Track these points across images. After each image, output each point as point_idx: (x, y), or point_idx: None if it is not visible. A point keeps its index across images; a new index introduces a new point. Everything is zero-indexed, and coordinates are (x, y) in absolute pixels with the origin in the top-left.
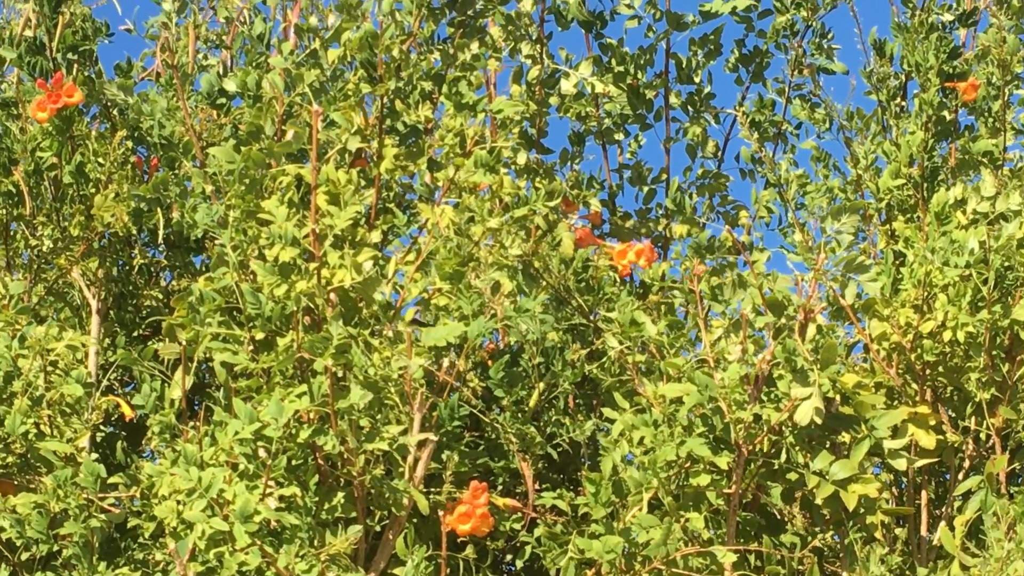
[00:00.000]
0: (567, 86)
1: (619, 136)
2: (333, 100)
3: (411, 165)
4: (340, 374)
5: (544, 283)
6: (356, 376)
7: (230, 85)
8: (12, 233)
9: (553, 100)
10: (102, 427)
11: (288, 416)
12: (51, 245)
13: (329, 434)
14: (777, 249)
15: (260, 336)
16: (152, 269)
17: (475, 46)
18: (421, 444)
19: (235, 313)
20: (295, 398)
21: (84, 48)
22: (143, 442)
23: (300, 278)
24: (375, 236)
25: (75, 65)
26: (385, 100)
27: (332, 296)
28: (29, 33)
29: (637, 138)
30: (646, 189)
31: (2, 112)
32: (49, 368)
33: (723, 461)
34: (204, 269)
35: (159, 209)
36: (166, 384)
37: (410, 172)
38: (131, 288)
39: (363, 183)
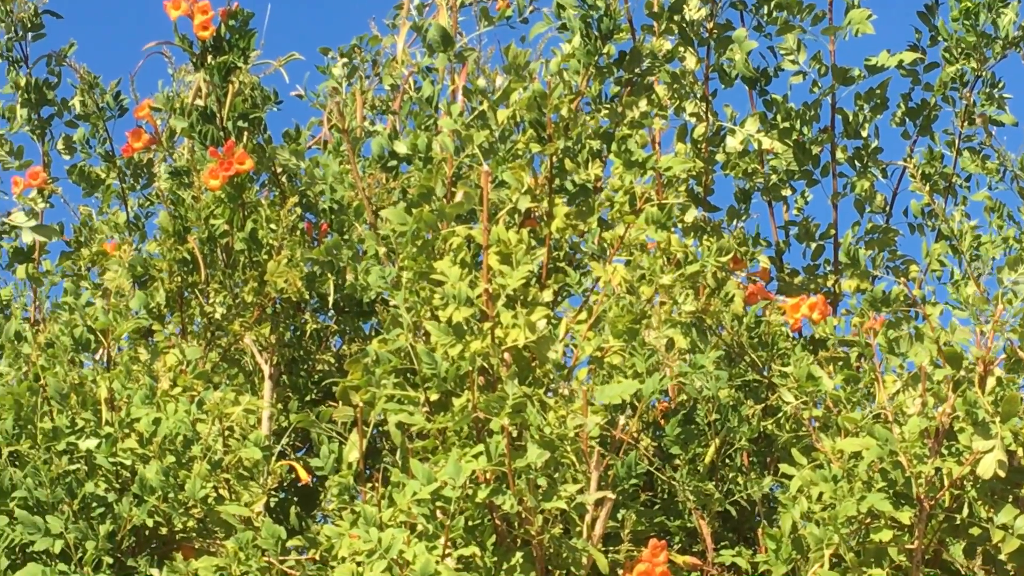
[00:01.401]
0: (733, 143)
1: (785, 192)
2: (502, 160)
3: (581, 224)
4: (516, 433)
5: (717, 339)
6: (532, 435)
7: (401, 148)
8: (187, 300)
9: (719, 157)
10: (274, 492)
11: (466, 476)
12: (224, 312)
13: (507, 494)
14: (948, 303)
15: (434, 397)
16: (322, 334)
17: (643, 104)
18: (599, 503)
19: (409, 374)
20: (472, 458)
21: (254, 116)
22: (315, 506)
23: (474, 338)
24: (547, 295)
25: (245, 133)
26: (554, 159)
27: (506, 356)
28: (200, 103)
29: (803, 194)
30: (814, 245)
31: (175, 181)
32: (227, 433)
33: (905, 516)
34: (373, 333)
35: (330, 273)
36: (342, 446)
37: (580, 231)
38: (302, 353)
39: (534, 243)
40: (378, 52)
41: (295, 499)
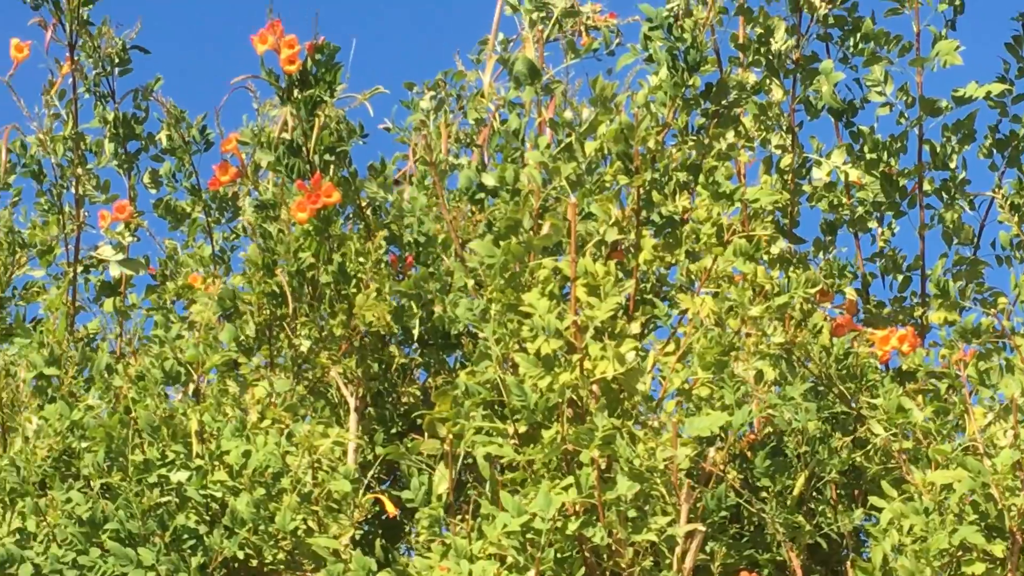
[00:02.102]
0: (819, 175)
1: (872, 224)
2: (589, 192)
3: (668, 256)
4: (605, 465)
5: (805, 371)
6: (622, 467)
7: (489, 180)
8: (275, 333)
9: (805, 189)
10: (358, 525)
11: (556, 508)
12: (310, 344)
13: (597, 526)
14: None
15: (523, 429)
16: (407, 367)
17: (730, 136)
18: (689, 535)
19: (497, 406)
20: (562, 490)
21: (340, 149)
22: (400, 539)
23: (563, 370)
24: (635, 327)
25: (331, 166)
26: (641, 191)
27: (595, 387)
28: (286, 136)
29: (890, 226)
30: (900, 277)
31: (261, 214)
32: (316, 465)
33: (998, 549)
34: (458, 365)
35: (418, 306)
36: (432, 478)
37: (667, 263)
38: (387, 385)
39: (620, 275)
40: (462, 86)
41: (379, 532)
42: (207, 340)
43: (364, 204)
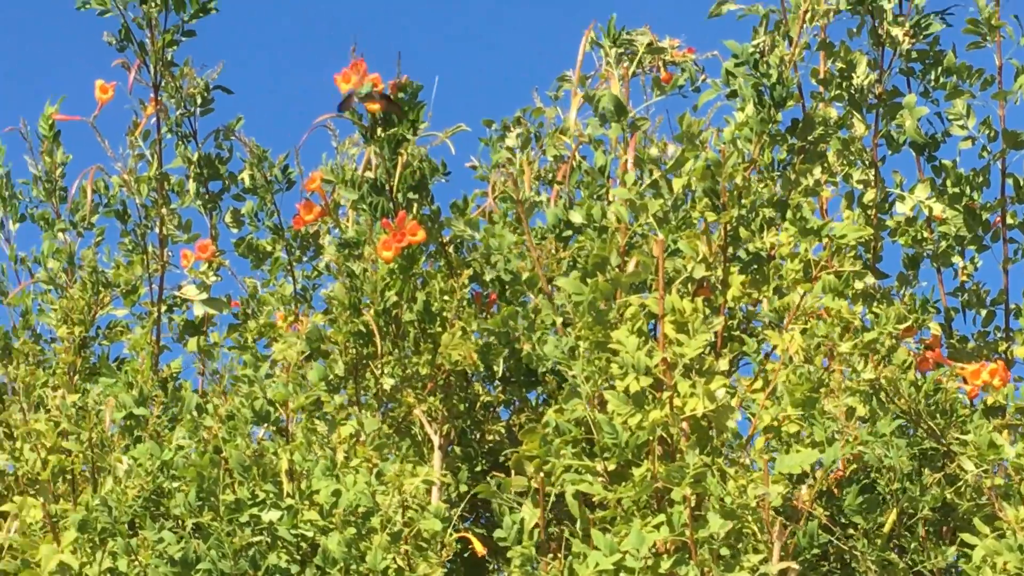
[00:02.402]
0: (902, 209)
1: (955, 259)
2: (676, 229)
3: (755, 292)
4: (696, 503)
5: (894, 407)
6: (713, 505)
7: (576, 217)
8: (361, 372)
9: (888, 223)
10: (444, 564)
11: (648, 546)
12: (394, 383)
13: (689, 564)
14: None
15: (613, 466)
16: (490, 404)
17: (817, 171)
18: (782, 573)
19: (586, 444)
20: (653, 528)
21: (423, 187)
22: None
23: (653, 407)
24: (723, 364)
25: (414, 204)
26: (728, 227)
27: (684, 425)
28: (369, 174)
29: (973, 260)
30: (984, 311)
31: (344, 252)
32: (405, 504)
33: None
34: (540, 402)
35: (504, 344)
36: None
37: (754, 299)
38: (471, 423)
39: (708, 311)
40: (540, 123)
41: (463, 571)
42: (296, 379)
43: (446, 241)
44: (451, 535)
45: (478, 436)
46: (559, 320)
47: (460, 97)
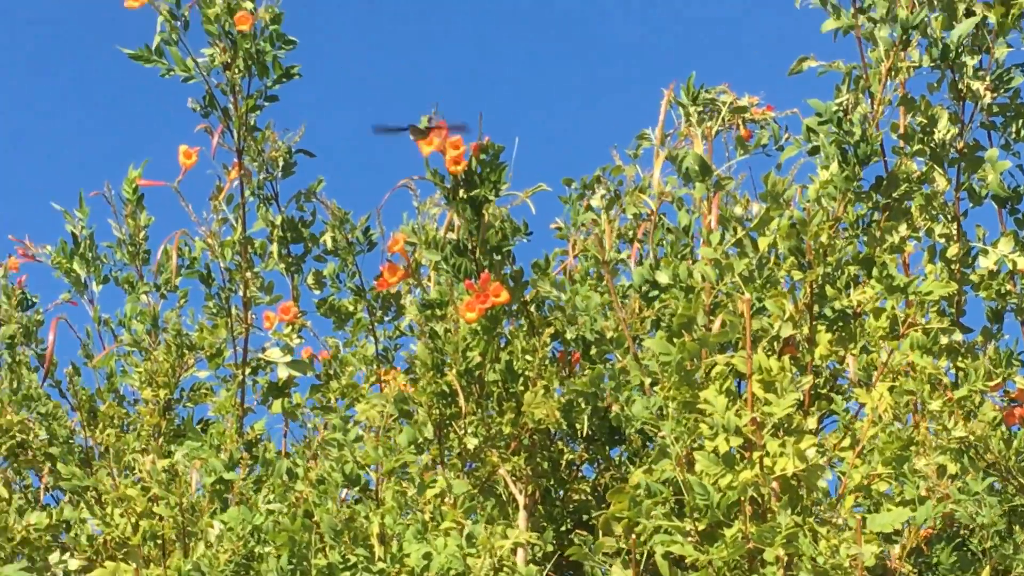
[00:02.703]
0: (985, 263)
1: None
2: (760, 288)
3: (842, 350)
4: (787, 563)
5: (984, 464)
6: (805, 565)
7: (662, 277)
8: (445, 432)
9: (973, 277)
10: None
11: None
12: (477, 442)
13: None
14: None
15: (703, 527)
16: (574, 463)
17: (902, 228)
18: None
19: (675, 504)
20: None
21: (505, 248)
22: None
23: (743, 467)
24: (811, 422)
25: (497, 265)
26: (814, 285)
27: (775, 484)
28: (451, 235)
29: None
30: None
31: (427, 313)
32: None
33: None
34: (624, 461)
35: (590, 404)
36: None
37: (840, 357)
38: (555, 483)
39: (795, 370)
40: (620, 181)
41: None
42: (386, 443)
43: (528, 300)
44: None
45: (562, 495)
46: (646, 380)
47: (539, 156)
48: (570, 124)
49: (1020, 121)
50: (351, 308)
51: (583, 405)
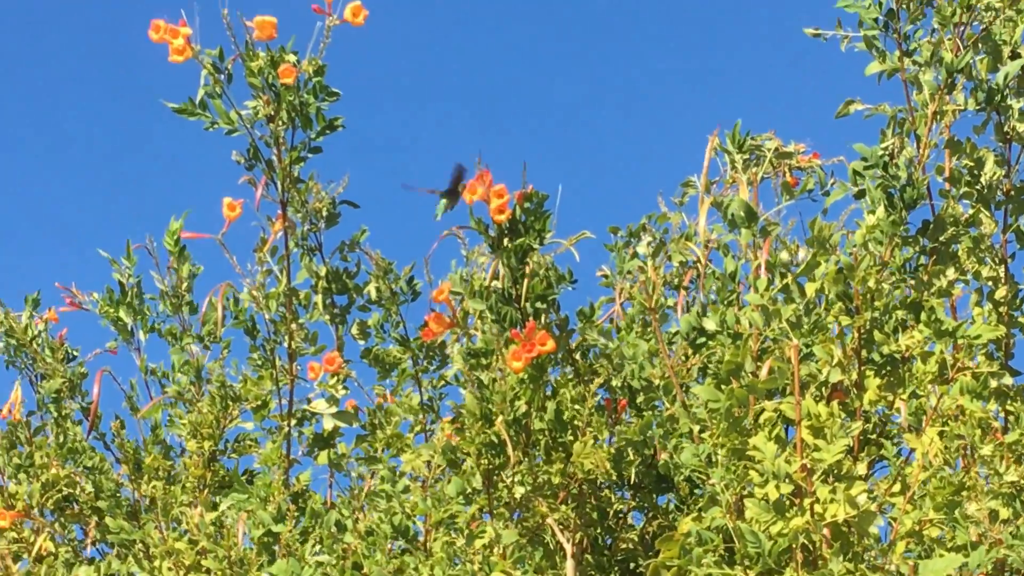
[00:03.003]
0: None
1: None
2: (808, 333)
3: (891, 395)
4: None
5: None
6: None
7: (709, 324)
8: (494, 482)
9: (1021, 320)
10: None
11: None
12: (524, 492)
13: None
14: None
15: (753, 575)
16: (622, 511)
17: (950, 272)
18: None
19: (725, 552)
20: None
21: (550, 296)
22: None
23: (794, 514)
24: (861, 468)
25: (542, 314)
26: (862, 331)
27: (826, 531)
28: (496, 284)
29: None
30: None
31: (472, 362)
32: None
33: None
34: (672, 508)
35: (639, 453)
36: None
37: (889, 402)
38: (603, 532)
39: (844, 415)
40: (666, 229)
41: None
42: (434, 493)
43: (573, 348)
44: None
45: (610, 544)
46: (695, 427)
47: (581, 204)
48: (612, 171)
49: None
50: (397, 355)
51: (632, 454)
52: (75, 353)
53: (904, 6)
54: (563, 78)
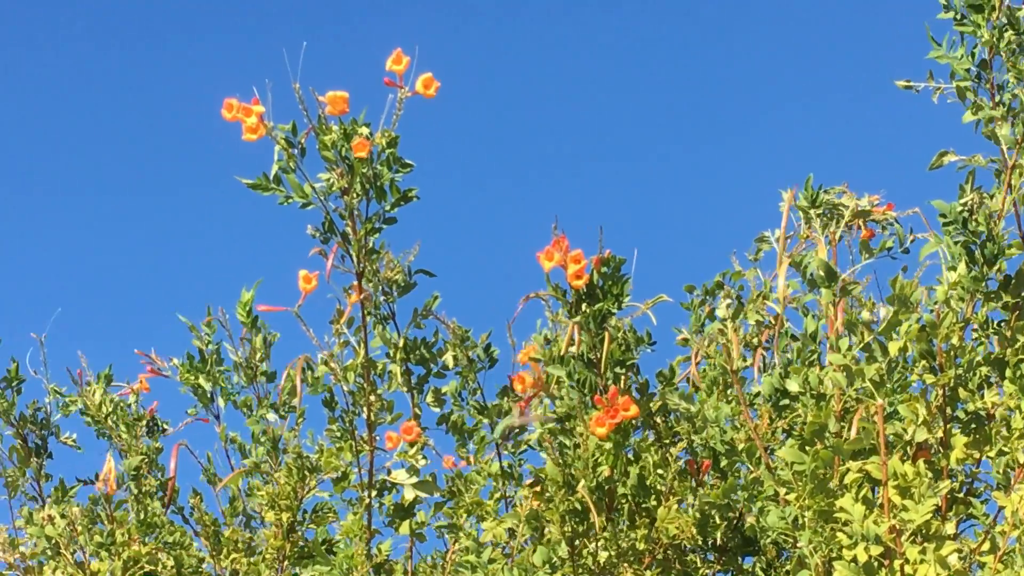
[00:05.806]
0: None
1: None
2: (891, 392)
3: (978, 452)
4: None
5: None
6: None
7: (792, 386)
8: (578, 548)
9: None
10: None
11: None
12: (609, 557)
13: None
14: None
15: None
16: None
17: None
18: None
19: None
20: None
21: (629, 361)
22: None
23: None
24: (950, 528)
25: (622, 378)
26: (947, 388)
27: None
28: (573, 349)
29: None
30: None
31: (555, 428)
32: None
33: None
34: (756, 573)
35: (723, 516)
36: None
37: (976, 459)
38: None
39: (930, 474)
40: (741, 286)
41: None
42: (519, 563)
43: (654, 411)
44: None
45: None
46: (780, 490)
47: (649, 261)
48: (688, 229)
49: None
50: (475, 419)
51: (717, 518)
52: (165, 425)
53: (999, 55)
54: (628, 137)
